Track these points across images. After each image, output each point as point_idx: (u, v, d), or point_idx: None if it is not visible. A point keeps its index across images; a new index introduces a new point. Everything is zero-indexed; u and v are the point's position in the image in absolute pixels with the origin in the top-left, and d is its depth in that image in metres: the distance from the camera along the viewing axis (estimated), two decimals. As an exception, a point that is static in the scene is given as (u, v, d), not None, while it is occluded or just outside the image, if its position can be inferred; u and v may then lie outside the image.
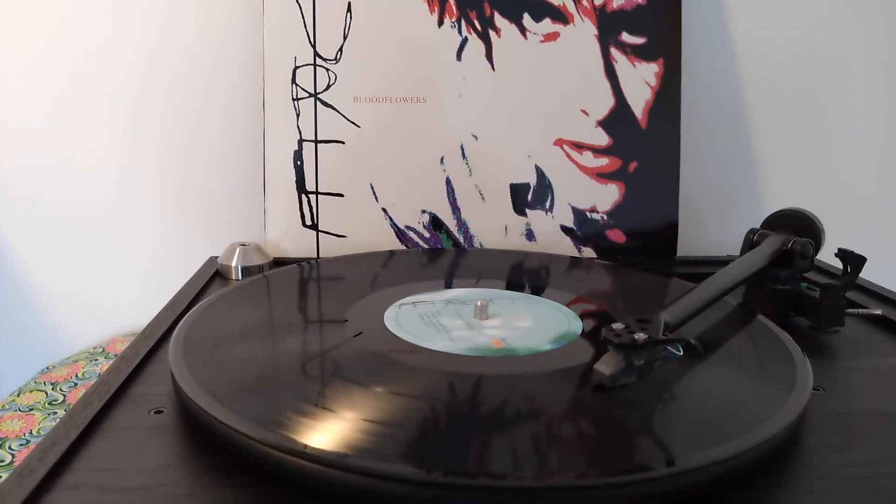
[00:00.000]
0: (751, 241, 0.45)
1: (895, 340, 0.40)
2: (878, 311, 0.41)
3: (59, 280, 0.58)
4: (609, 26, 0.51)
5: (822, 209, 0.59)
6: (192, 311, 0.36)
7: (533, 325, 0.34)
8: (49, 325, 0.59)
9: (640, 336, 0.27)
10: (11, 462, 0.39)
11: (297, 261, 0.49)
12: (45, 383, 0.48)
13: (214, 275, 0.47)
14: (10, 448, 0.41)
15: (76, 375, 0.49)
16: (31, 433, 0.42)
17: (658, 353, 0.28)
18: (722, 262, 0.46)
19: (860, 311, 0.41)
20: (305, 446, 0.23)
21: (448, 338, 0.32)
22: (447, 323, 0.34)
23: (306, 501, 0.23)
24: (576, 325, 0.34)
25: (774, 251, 0.42)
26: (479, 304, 0.35)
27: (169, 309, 0.40)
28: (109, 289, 0.58)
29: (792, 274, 0.42)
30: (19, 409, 0.45)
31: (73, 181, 0.56)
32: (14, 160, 0.55)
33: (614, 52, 0.51)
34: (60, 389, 0.47)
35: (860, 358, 0.37)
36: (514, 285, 0.41)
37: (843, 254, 0.39)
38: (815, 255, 0.43)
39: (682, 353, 0.29)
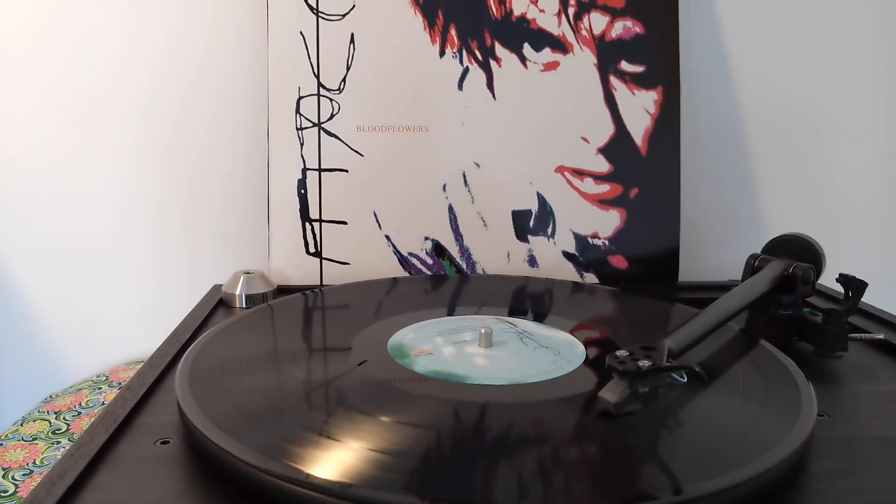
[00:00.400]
0: (752, 267, 0.45)
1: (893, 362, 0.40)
2: (881, 336, 0.41)
3: (62, 308, 0.58)
4: (608, 55, 0.52)
5: (823, 233, 0.59)
6: (197, 340, 0.36)
7: (536, 354, 0.34)
8: (52, 354, 0.59)
9: (645, 363, 0.27)
10: (15, 492, 0.39)
11: (301, 288, 0.49)
12: (48, 412, 0.48)
13: (218, 303, 0.47)
14: (13, 478, 0.40)
15: (80, 404, 0.49)
16: (34, 463, 0.42)
17: (662, 380, 0.28)
18: (724, 288, 0.47)
19: (863, 335, 0.41)
20: (308, 476, 0.24)
21: (458, 367, 0.32)
22: (454, 353, 0.34)
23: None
24: (579, 351, 0.35)
25: (776, 276, 0.43)
26: (483, 331, 0.35)
27: (173, 338, 0.40)
28: (113, 317, 0.58)
29: (794, 299, 0.42)
30: (23, 439, 0.45)
31: (76, 209, 0.56)
32: (18, 190, 0.56)
33: (614, 80, 0.52)
34: (64, 419, 0.47)
35: (865, 383, 0.37)
36: (515, 311, 0.41)
37: (844, 279, 0.39)
38: (817, 279, 0.43)
39: (686, 380, 0.29)
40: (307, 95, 0.51)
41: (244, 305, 0.46)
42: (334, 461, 0.25)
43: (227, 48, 0.55)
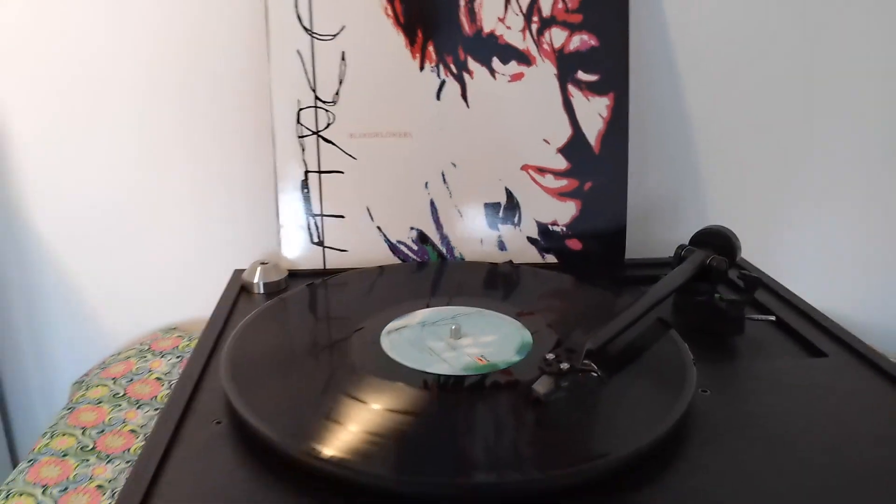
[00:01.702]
0: (679, 256, 0.55)
1: (790, 340, 0.51)
2: (773, 317, 0.51)
3: (102, 282, 0.68)
4: (566, 66, 0.60)
5: (750, 216, 0.69)
6: (233, 334, 0.46)
7: (497, 339, 0.44)
8: (94, 322, 0.69)
9: (565, 366, 0.37)
10: (93, 447, 0.50)
11: (309, 272, 0.59)
12: (105, 378, 0.59)
13: (241, 289, 0.57)
14: (91, 435, 0.52)
15: (131, 371, 0.59)
16: (103, 422, 0.53)
17: (579, 375, 0.39)
18: (664, 264, 0.56)
19: (760, 317, 0.52)
20: (311, 449, 0.34)
21: (442, 360, 0.42)
22: (434, 346, 0.44)
23: (328, 492, 0.34)
24: (526, 336, 0.45)
25: (696, 267, 0.52)
26: (453, 328, 0.45)
27: (212, 325, 0.50)
28: (146, 290, 0.68)
29: (710, 287, 0.52)
30: (89, 403, 0.55)
31: (117, 201, 0.65)
32: (56, 166, 0.65)
33: (571, 88, 0.60)
34: (120, 384, 0.58)
35: (757, 358, 0.48)
36: (483, 298, 0.51)
37: (742, 276, 0.49)
38: (730, 268, 0.53)
39: (599, 373, 0.39)
40: (306, 107, 0.59)
41: (262, 291, 0.56)
42: (341, 440, 0.35)
43: (236, 67, 0.62)
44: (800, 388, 0.43)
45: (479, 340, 0.45)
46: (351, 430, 0.36)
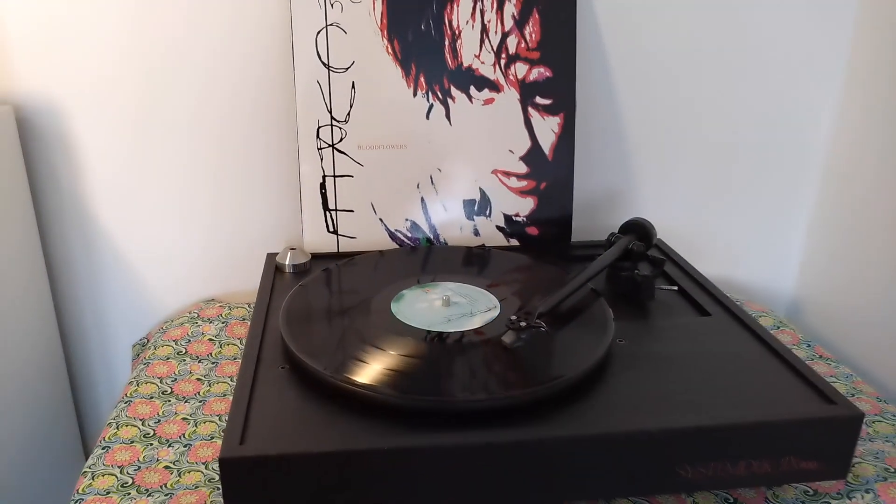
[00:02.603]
0: (610, 241, 0.73)
1: (687, 304, 0.69)
2: (675, 287, 0.70)
3: (151, 260, 0.83)
4: (527, 92, 0.76)
5: (670, 206, 0.87)
6: (283, 304, 0.62)
7: (475, 305, 0.62)
8: (143, 293, 0.85)
9: (523, 324, 0.55)
10: (171, 391, 0.67)
11: (326, 255, 0.76)
12: (168, 340, 0.75)
13: (275, 269, 0.73)
14: (167, 383, 0.68)
15: (188, 334, 0.75)
16: (174, 373, 0.69)
17: (533, 329, 0.56)
18: (600, 245, 0.74)
19: (666, 287, 0.70)
20: (346, 378, 0.51)
21: (437, 320, 0.59)
22: (430, 310, 0.61)
23: (359, 410, 0.51)
24: (496, 305, 0.62)
25: (621, 250, 0.70)
26: (444, 296, 0.62)
27: (260, 299, 0.66)
28: (189, 267, 0.84)
29: (632, 265, 0.70)
30: (159, 359, 0.72)
31: (168, 194, 0.81)
32: (124, 167, 0.80)
33: (531, 110, 0.77)
34: (181, 344, 0.74)
35: (663, 318, 0.66)
36: (463, 275, 0.68)
37: (651, 259, 0.67)
38: (648, 250, 0.71)
39: (547, 328, 0.57)
40: (324, 125, 0.74)
41: (291, 271, 0.73)
42: (372, 371, 0.52)
43: (269, 94, 0.77)
44: (688, 338, 0.61)
45: (463, 306, 0.62)
46: (374, 367, 0.53)
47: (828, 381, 0.55)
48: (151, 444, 0.60)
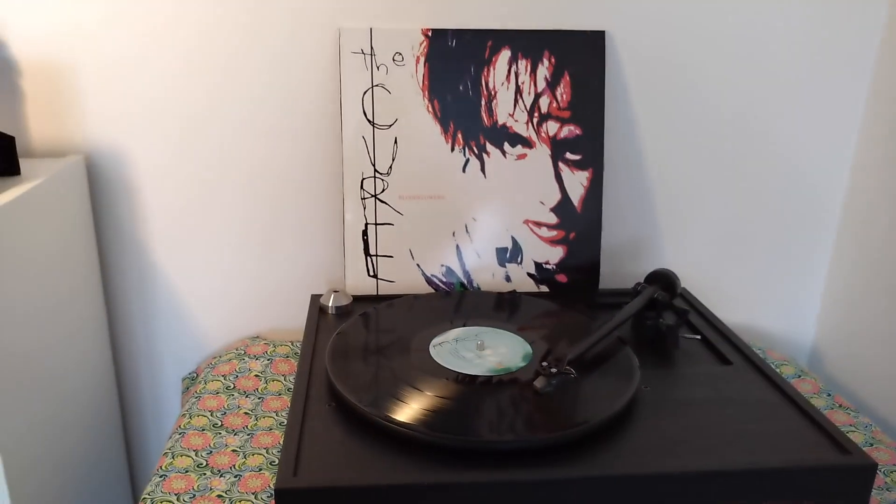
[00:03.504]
0: (636, 291, 0.77)
1: (709, 352, 0.72)
2: (698, 336, 0.73)
3: (200, 297, 0.89)
4: (558, 148, 0.81)
5: (693, 256, 0.91)
6: (329, 343, 0.67)
7: (508, 350, 0.66)
8: (194, 327, 0.90)
9: (554, 370, 0.59)
10: (222, 424, 0.71)
11: (366, 297, 0.80)
12: (217, 375, 0.80)
13: (319, 310, 0.78)
14: (217, 416, 0.73)
15: (235, 370, 0.80)
16: (224, 407, 0.74)
17: (563, 375, 0.60)
18: (627, 293, 0.78)
19: (689, 335, 0.73)
20: (387, 417, 0.55)
21: (471, 364, 0.64)
22: (466, 354, 0.66)
23: (400, 449, 0.55)
24: (528, 348, 0.66)
25: (646, 300, 0.74)
26: (478, 342, 0.66)
27: (307, 339, 0.71)
28: (235, 305, 0.89)
29: (656, 314, 0.74)
30: (209, 393, 0.77)
31: (219, 233, 0.86)
32: (177, 204, 0.86)
33: (561, 164, 0.82)
34: (229, 379, 0.79)
35: (687, 365, 0.69)
36: (494, 319, 0.72)
37: (675, 310, 0.71)
38: (673, 299, 0.75)
39: (575, 374, 0.61)
40: (368, 177, 0.80)
41: (334, 312, 0.78)
42: (411, 409, 0.56)
43: (320, 148, 0.83)
44: (710, 385, 0.65)
45: (496, 351, 0.66)
46: (413, 406, 0.58)
47: (843, 431, 0.58)
48: (204, 475, 0.64)
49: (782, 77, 0.85)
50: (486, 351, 0.66)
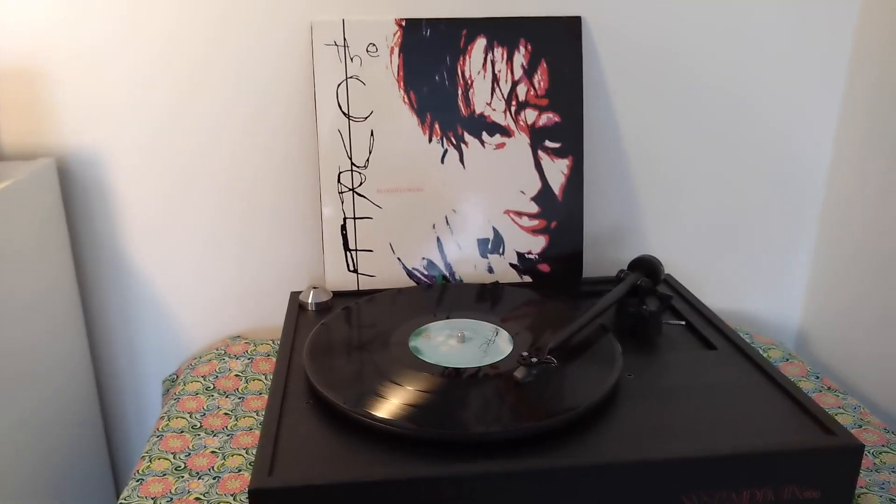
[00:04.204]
0: (619, 278, 0.76)
1: (694, 338, 0.71)
2: (683, 322, 0.72)
3: (181, 298, 0.87)
4: (537, 137, 0.80)
5: (676, 241, 0.90)
6: (308, 338, 0.66)
7: (488, 341, 0.65)
8: (174, 327, 0.89)
9: (534, 359, 0.58)
10: (201, 426, 0.70)
11: (346, 292, 0.79)
12: (196, 376, 0.78)
13: (299, 307, 0.77)
14: (196, 418, 0.71)
15: (215, 370, 0.79)
16: (203, 408, 0.73)
17: (543, 364, 0.59)
18: (610, 281, 0.77)
19: (674, 322, 0.72)
20: (367, 413, 0.54)
21: (452, 356, 0.63)
22: (446, 346, 0.64)
23: (380, 445, 0.54)
24: (509, 341, 0.65)
25: (629, 286, 0.73)
26: (458, 334, 0.65)
27: (285, 336, 0.70)
28: (216, 304, 0.88)
29: (639, 301, 0.73)
30: (189, 394, 0.75)
31: (197, 231, 0.85)
32: (155, 204, 0.84)
33: (541, 153, 0.80)
34: (209, 380, 0.77)
35: (671, 351, 0.68)
36: (477, 311, 0.71)
37: (658, 295, 0.70)
38: (657, 285, 0.74)
39: (556, 363, 0.60)
40: (345, 170, 0.79)
41: (313, 309, 0.76)
42: (390, 405, 0.55)
43: (294, 143, 0.82)
44: (694, 371, 0.64)
45: (477, 342, 0.65)
46: (393, 402, 0.56)
47: (829, 413, 0.57)
48: (182, 477, 0.63)
49: (764, 59, 0.84)
50: (467, 342, 0.65)
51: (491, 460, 0.52)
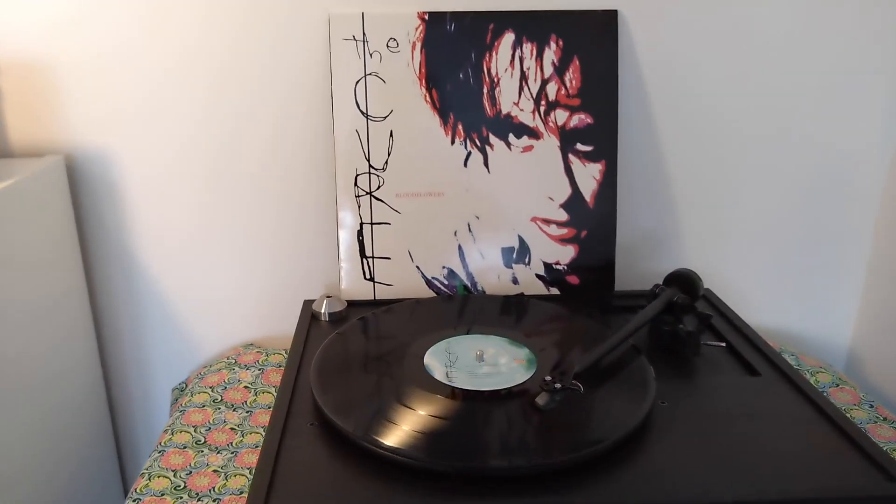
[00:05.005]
0: (653, 293, 0.70)
1: (735, 361, 0.65)
2: (723, 343, 0.66)
3: (193, 304, 0.84)
4: (567, 139, 0.75)
5: (716, 253, 0.84)
6: (316, 354, 0.62)
7: (509, 362, 0.60)
8: (184, 336, 0.86)
9: (558, 385, 0.53)
10: (205, 441, 0.67)
11: (362, 302, 0.75)
12: (205, 387, 0.75)
13: (311, 316, 0.73)
14: (201, 432, 0.68)
15: (224, 381, 0.76)
16: (209, 422, 0.69)
17: (568, 391, 0.54)
18: (644, 294, 0.71)
19: (713, 343, 0.67)
20: (374, 440, 0.50)
21: (469, 377, 0.58)
22: (463, 366, 0.60)
23: (387, 474, 0.49)
24: (533, 361, 0.60)
25: (664, 304, 0.67)
26: (477, 352, 0.61)
27: (294, 348, 0.66)
28: (229, 311, 0.84)
29: (676, 319, 0.67)
30: (196, 406, 0.72)
31: (210, 238, 0.82)
32: (167, 209, 0.81)
33: (571, 156, 0.75)
34: (217, 391, 0.74)
35: (711, 374, 0.63)
36: (500, 325, 0.66)
37: (697, 314, 0.64)
38: (695, 301, 0.68)
39: (583, 390, 0.55)
40: (362, 173, 0.74)
41: (327, 319, 0.72)
42: (401, 432, 0.51)
43: (309, 143, 0.78)
44: (735, 400, 0.58)
45: (497, 362, 0.60)
46: (402, 428, 0.52)
47: (887, 452, 0.51)
48: (181, 498, 0.59)
49: (822, 61, 0.78)
50: (485, 361, 0.60)
51: (505, 498, 0.47)
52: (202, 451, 0.65)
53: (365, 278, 0.76)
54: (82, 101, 0.76)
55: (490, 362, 0.60)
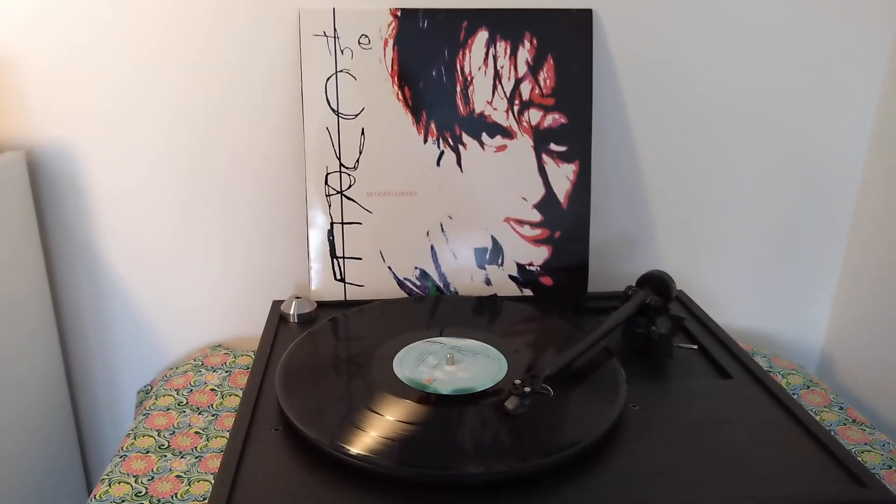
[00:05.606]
0: (626, 295, 0.70)
1: (707, 364, 0.65)
2: (695, 346, 0.66)
3: (160, 305, 0.82)
4: (541, 139, 0.74)
5: (689, 255, 0.84)
6: (280, 361, 0.61)
7: (480, 365, 0.59)
8: (151, 337, 0.84)
9: (527, 389, 0.52)
10: (168, 445, 0.65)
11: (332, 303, 0.74)
12: (170, 389, 0.73)
13: (279, 318, 0.71)
14: (165, 436, 0.66)
15: (190, 383, 0.74)
16: (173, 426, 0.68)
17: (538, 395, 0.53)
18: (618, 296, 0.70)
19: (685, 346, 0.66)
20: (340, 447, 0.48)
21: (439, 381, 0.57)
22: (433, 369, 0.59)
23: (354, 481, 0.48)
24: (504, 364, 0.59)
25: (637, 306, 0.67)
26: (448, 355, 0.60)
27: (261, 351, 0.64)
28: (196, 312, 0.83)
29: (648, 321, 0.67)
30: (160, 410, 0.70)
31: (177, 238, 0.80)
32: (131, 211, 0.79)
33: (545, 157, 0.74)
34: (182, 394, 0.72)
35: (682, 378, 0.62)
36: (472, 327, 0.65)
37: (670, 316, 0.64)
38: (665, 305, 0.67)
39: (552, 394, 0.54)
40: (332, 172, 0.73)
41: (296, 321, 0.71)
42: (367, 438, 0.50)
43: (278, 141, 0.76)
44: (707, 403, 0.57)
45: (468, 366, 0.59)
46: (370, 434, 0.51)
47: (858, 459, 0.51)
48: (142, 504, 0.58)
49: (793, 61, 0.78)
50: (457, 365, 0.59)
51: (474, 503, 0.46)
52: (165, 456, 0.64)
53: (335, 279, 0.75)
54: (46, 96, 0.74)
55: (462, 365, 0.59)
